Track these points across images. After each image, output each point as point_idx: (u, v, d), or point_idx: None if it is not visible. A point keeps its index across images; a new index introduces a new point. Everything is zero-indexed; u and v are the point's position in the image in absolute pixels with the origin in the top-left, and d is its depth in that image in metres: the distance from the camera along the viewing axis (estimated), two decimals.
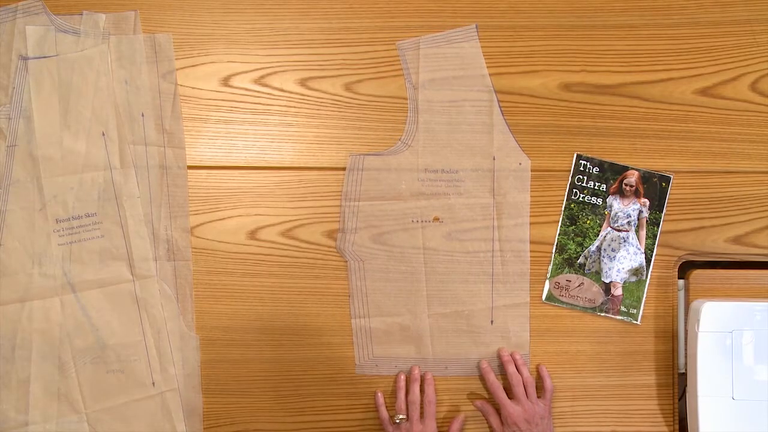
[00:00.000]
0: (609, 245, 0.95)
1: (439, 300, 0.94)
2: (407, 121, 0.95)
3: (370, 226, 0.94)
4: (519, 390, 0.90)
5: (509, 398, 0.91)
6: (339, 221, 0.94)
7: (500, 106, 0.95)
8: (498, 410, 0.92)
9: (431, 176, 0.95)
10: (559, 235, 0.95)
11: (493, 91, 0.95)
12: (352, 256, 0.94)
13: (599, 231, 0.95)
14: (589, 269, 0.96)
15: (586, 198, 0.95)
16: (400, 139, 0.95)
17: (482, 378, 0.93)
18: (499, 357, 0.93)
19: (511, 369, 0.91)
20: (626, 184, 0.95)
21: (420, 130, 0.95)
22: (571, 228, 0.95)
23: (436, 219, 0.94)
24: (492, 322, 0.94)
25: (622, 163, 0.95)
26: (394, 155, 0.95)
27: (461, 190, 0.95)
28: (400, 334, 0.94)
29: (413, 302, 0.94)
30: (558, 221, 0.95)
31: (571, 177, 0.95)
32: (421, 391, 0.92)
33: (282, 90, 0.95)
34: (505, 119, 0.95)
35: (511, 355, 0.93)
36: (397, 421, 0.89)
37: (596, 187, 0.95)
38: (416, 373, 0.92)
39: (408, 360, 0.94)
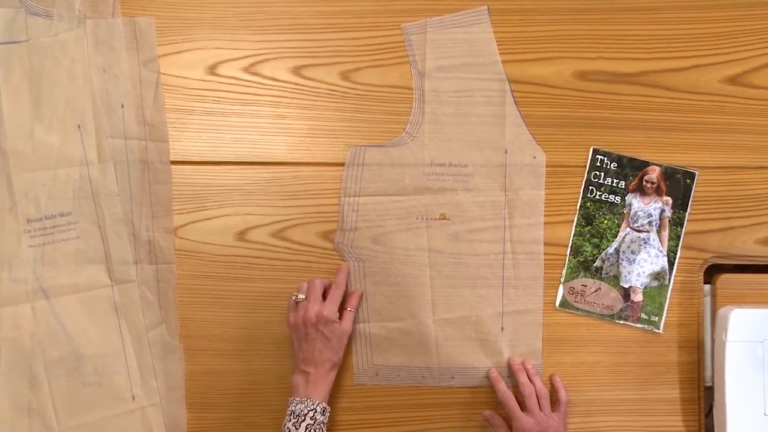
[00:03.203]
0: (628, 247, 0.92)
1: (445, 305, 0.91)
2: (412, 111, 0.92)
3: (370, 224, 0.91)
4: (532, 401, 0.87)
5: (521, 410, 0.87)
6: (337, 219, 0.91)
7: (513, 96, 0.92)
8: (508, 422, 0.88)
9: (438, 170, 0.92)
10: (573, 236, 0.92)
11: (506, 79, 0.92)
12: (351, 257, 0.91)
13: (617, 232, 0.92)
14: (607, 273, 0.92)
15: (603, 196, 0.92)
16: (404, 130, 0.92)
17: (492, 388, 0.90)
18: (510, 366, 0.91)
19: (522, 379, 0.89)
20: (647, 181, 0.92)
21: (426, 121, 0.92)
22: (586, 228, 0.92)
23: (443, 217, 0.91)
24: (502, 329, 0.92)
25: (642, 158, 0.92)
26: (397, 147, 0.92)
27: (470, 185, 0.91)
28: (402, 341, 0.91)
29: (417, 307, 0.91)
30: (572, 221, 0.92)
31: (587, 173, 0.92)
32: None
33: (273, 79, 0.93)
34: (518, 110, 0.92)
35: (523, 364, 0.91)
36: (296, 300, 0.87)
37: (614, 184, 0.92)
38: (344, 266, 0.91)
39: (411, 369, 0.92)
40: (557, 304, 0.93)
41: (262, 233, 0.92)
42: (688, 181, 0.92)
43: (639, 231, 0.92)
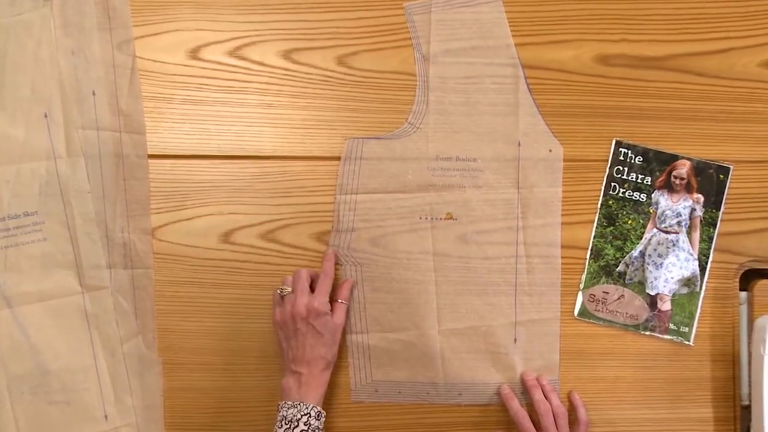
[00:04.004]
0: (655, 250, 0.88)
1: (452, 314, 0.88)
2: (415, 100, 0.88)
3: (369, 224, 0.88)
4: (548, 420, 0.82)
5: (536, 430, 0.83)
6: (332, 219, 0.88)
7: (527, 83, 0.88)
8: None
9: (444, 165, 0.88)
10: (594, 237, 0.88)
11: (520, 64, 0.88)
12: (348, 261, 0.88)
13: (643, 233, 0.88)
14: (631, 279, 0.88)
15: (627, 193, 0.88)
16: (407, 121, 0.88)
17: (503, 406, 0.86)
18: (524, 382, 0.87)
19: (538, 396, 0.84)
20: (676, 177, 0.88)
21: (431, 111, 0.88)
22: (608, 229, 0.88)
23: (449, 216, 0.88)
24: (515, 340, 0.88)
25: (670, 151, 0.88)
26: (399, 140, 0.88)
27: (480, 182, 0.88)
28: (404, 353, 0.88)
29: (420, 316, 0.88)
30: (593, 221, 0.88)
31: (609, 168, 0.88)
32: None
33: (262, 64, 0.89)
34: (533, 98, 0.88)
35: (538, 379, 0.86)
36: (282, 293, 0.83)
37: (639, 180, 0.88)
38: (330, 252, 0.87)
39: (414, 385, 0.88)
40: (576, 313, 0.88)
41: (249, 234, 0.88)
42: (722, 176, 0.88)
43: (667, 232, 0.88)
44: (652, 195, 0.88)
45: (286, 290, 0.82)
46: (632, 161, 0.88)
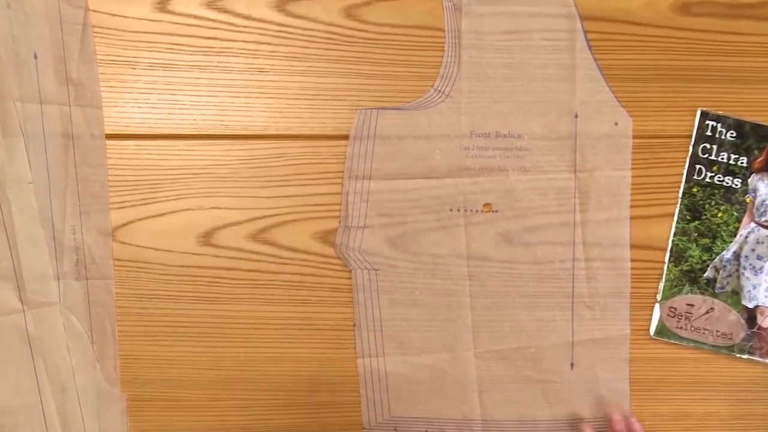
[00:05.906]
0: (753, 250, 0.80)
1: (492, 333, 0.81)
2: (444, 61, 0.79)
3: (386, 219, 0.81)
4: None
5: None
6: (340, 213, 0.80)
7: (587, 39, 0.79)
8: None
9: (481, 143, 0.80)
10: (675, 235, 0.80)
11: (577, 15, 0.79)
12: (360, 265, 0.80)
13: (737, 228, 0.80)
14: (723, 287, 0.80)
15: (716, 178, 0.80)
16: (433, 87, 0.79)
17: None
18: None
19: None
20: None
21: (464, 75, 0.79)
22: (693, 224, 0.80)
23: (488, 209, 0.80)
24: (572, 365, 0.81)
25: None
26: (423, 110, 0.79)
27: (526, 164, 0.80)
28: (431, 382, 0.81)
29: (452, 335, 0.80)
30: (673, 214, 0.80)
31: (693, 146, 0.79)
32: None
33: (249, 18, 0.79)
34: (594, 58, 0.79)
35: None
36: None
37: (732, 161, 0.80)
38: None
39: (443, 422, 0.81)
40: (652, 331, 0.80)
41: (236, 235, 0.79)
42: None
43: None
44: (749, 180, 0.79)
45: None
46: (723, 137, 0.78)
